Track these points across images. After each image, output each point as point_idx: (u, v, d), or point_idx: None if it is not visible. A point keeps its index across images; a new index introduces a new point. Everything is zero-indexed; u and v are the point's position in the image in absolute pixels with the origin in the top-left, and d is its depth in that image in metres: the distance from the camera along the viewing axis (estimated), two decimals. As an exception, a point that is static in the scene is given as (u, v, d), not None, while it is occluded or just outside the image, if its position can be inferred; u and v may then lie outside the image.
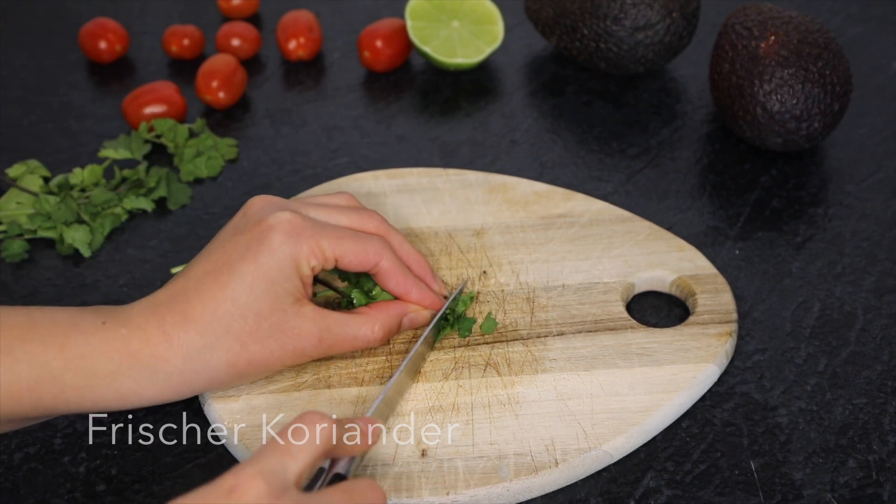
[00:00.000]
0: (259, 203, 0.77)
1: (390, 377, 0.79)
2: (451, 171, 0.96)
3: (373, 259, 0.77)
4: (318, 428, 0.64)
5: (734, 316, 0.83)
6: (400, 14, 1.14)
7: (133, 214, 0.96)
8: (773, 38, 0.96)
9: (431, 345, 0.81)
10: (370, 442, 0.69)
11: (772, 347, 0.84)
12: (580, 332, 0.82)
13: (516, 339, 0.82)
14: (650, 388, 0.78)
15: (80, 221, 0.94)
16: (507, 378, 0.79)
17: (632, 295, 0.87)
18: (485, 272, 0.87)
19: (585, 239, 0.89)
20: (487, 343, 0.82)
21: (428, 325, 0.81)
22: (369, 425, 0.69)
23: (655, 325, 0.85)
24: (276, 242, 0.74)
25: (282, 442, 0.64)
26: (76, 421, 0.79)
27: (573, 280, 0.86)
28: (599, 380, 0.79)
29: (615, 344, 0.81)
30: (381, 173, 0.95)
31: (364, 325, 0.77)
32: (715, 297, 0.85)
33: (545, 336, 0.82)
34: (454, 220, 0.91)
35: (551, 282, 0.86)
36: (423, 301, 0.80)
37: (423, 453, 0.75)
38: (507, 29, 1.14)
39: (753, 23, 0.98)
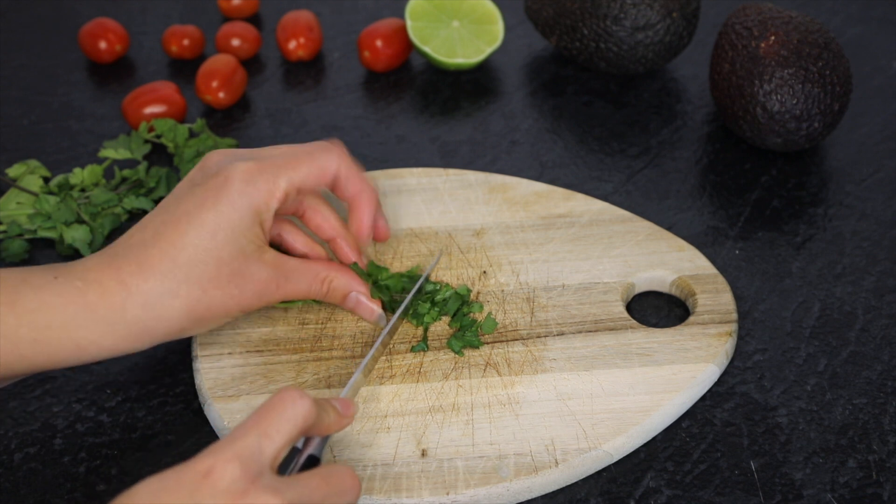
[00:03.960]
0: (216, 157, 0.77)
1: (392, 376, 0.79)
2: (451, 171, 0.96)
3: (331, 173, 0.78)
4: (297, 406, 0.64)
5: (734, 316, 0.83)
6: (400, 14, 1.14)
7: (133, 214, 0.96)
8: (773, 38, 0.96)
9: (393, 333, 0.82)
10: (346, 420, 0.69)
11: (772, 347, 0.84)
12: (580, 332, 0.82)
13: (516, 339, 0.82)
14: (650, 388, 0.78)
15: (80, 221, 0.94)
16: (507, 378, 0.79)
17: (632, 295, 0.87)
18: (485, 272, 0.87)
19: (585, 239, 0.89)
20: (487, 343, 0.82)
21: (372, 320, 0.82)
22: (345, 405, 0.70)
23: (655, 325, 0.85)
24: (235, 192, 0.74)
25: (259, 421, 0.63)
26: (76, 421, 0.79)
27: (573, 280, 0.86)
28: (599, 380, 0.79)
29: (615, 344, 0.81)
30: (380, 173, 0.95)
31: (315, 278, 0.79)
32: (715, 297, 0.85)
33: (545, 336, 0.82)
34: (454, 220, 0.91)
35: (551, 282, 0.86)
36: (367, 208, 0.81)
37: (423, 453, 0.75)
38: (507, 29, 1.14)
39: (753, 23, 0.98)
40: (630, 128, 1.05)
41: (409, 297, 0.83)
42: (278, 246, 0.83)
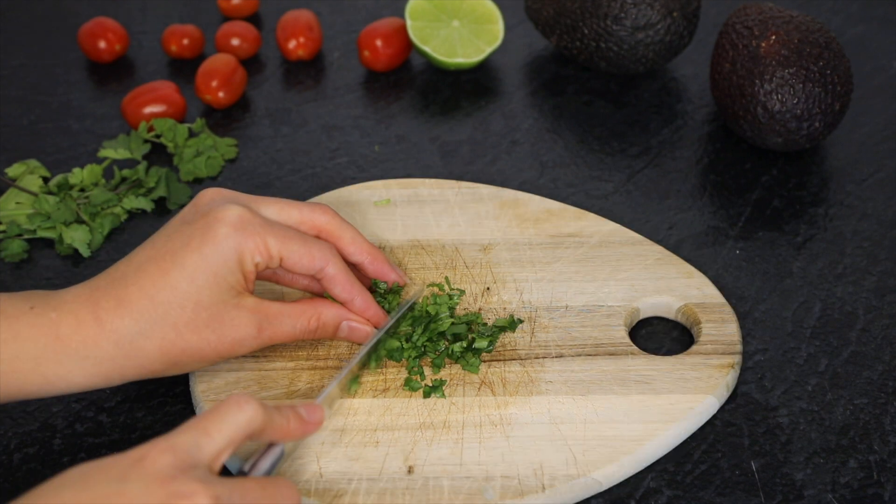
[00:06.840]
0: (209, 195, 0.76)
1: (385, 390, 0.79)
2: (464, 184, 0.94)
3: (318, 263, 0.76)
4: (242, 411, 0.64)
5: (738, 347, 0.81)
6: (400, 14, 1.14)
7: (133, 214, 0.96)
8: (773, 37, 0.96)
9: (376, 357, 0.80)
10: (310, 427, 0.69)
11: (773, 347, 0.84)
12: (579, 354, 0.81)
13: (514, 359, 0.80)
14: (645, 417, 0.76)
15: (80, 221, 0.94)
16: (501, 398, 0.78)
17: (636, 320, 0.85)
18: (488, 288, 0.85)
19: (593, 260, 0.88)
20: (484, 361, 0.80)
21: (367, 342, 0.79)
22: (311, 410, 0.69)
23: (657, 352, 0.83)
24: (221, 235, 0.73)
25: (200, 420, 0.63)
26: (76, 422, 0.79)
27: (577, 301, 0.84)
28: (595, 405, 0.77)
29: (614, 369, 0.80)
30: (392, 182, 0.94)
31: (301, 316, 0.77)
32: (720, 326, 0.82)
33: (543, 357, 0.80)
34: (462, 233, 0.90)
35: (555, 302, 0.84)
36: (366, 312, 0.79)
37: (410, 470, 0.74)
38: (507, 29, 1.14)
39: (754, 22, 0.98)
40: (630, 127, 1.05)
41: (394, 319, 0.81)
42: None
